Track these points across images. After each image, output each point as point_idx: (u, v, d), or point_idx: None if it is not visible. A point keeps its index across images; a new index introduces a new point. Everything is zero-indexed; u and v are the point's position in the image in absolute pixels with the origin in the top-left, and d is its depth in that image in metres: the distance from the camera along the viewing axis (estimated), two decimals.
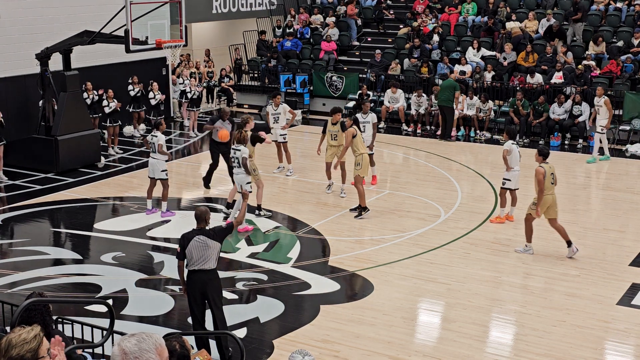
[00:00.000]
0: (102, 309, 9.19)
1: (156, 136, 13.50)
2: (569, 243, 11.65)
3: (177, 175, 16.23)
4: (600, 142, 17.52)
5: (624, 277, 10.84)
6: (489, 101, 20.14)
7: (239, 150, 12.53)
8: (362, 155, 13.27)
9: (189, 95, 20.91)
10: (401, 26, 24.48)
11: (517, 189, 13.31)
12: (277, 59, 23.99)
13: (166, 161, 13.65)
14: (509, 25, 22.27)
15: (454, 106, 19.57)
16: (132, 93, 19.55)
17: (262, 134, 13.84)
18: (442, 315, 9.79)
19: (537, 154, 11.71)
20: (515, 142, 13.24)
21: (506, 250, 11.96)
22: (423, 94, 20.77)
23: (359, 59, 24.15)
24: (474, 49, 22.04)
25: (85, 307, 9.62)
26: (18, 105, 17.57)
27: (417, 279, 10.76)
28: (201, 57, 25.94)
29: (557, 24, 21.44)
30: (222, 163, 14.95)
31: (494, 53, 21.95)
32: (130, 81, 19.61)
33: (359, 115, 15.00)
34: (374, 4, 25.78)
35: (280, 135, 16.09)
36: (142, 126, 20.30)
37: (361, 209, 13.40)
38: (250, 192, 12.62)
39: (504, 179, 13.24)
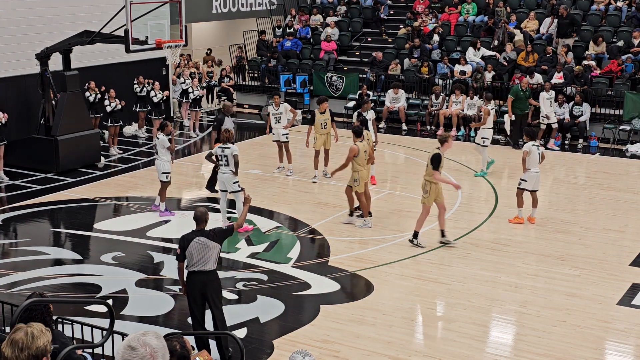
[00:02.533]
0: (102, 309, 9.19)
1: (158, 138, 13.54)
2: (351, 213, 13.12)
3: (178, 176, 16.21)
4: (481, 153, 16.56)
5: (624, 277, 10.83)
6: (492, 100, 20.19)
7: (228, 148, 12.50)
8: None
9: (192, 96, 20.92)
10: (401, 26, 24.49)
11: (537, 190, 13.17)
12: (277, 59, 23.99)
13: (169, 149, 13.49)
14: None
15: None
16: (139, 94, 19.56)
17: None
18: (442, 315, 9.79)
19: (352, 133, 12.99)
20: (536, 144, 13.08)
21: (506, 250, 11.96)
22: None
23: (359, 59, 24.15)
24: (474, 49, 22.03)
25: (85, 307, 9.62)
26: (18, 105, 17.56)
27: (417, 279, 10.76)
28: (201, 57, 25.93)
29: (564, 9, 21.35)
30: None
31: (494, 53, 21.95)
32: (135, 81, 19.62)
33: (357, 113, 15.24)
34: (373, 4, 25.78)
35: (283, 134, 16.08)
36: (144, 127, 20.30)
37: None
38: (240, 190, 12.51)
39: (520, 179, 13.15)
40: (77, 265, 11.53)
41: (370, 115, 15.32)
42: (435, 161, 11.80)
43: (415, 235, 12.07)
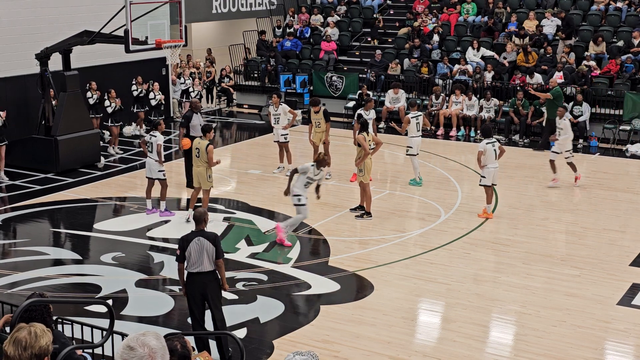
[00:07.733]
0: (102, 309, 9.19)
1: (155, 136, 13.49)
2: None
3: (178, 176, 16.19)
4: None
5: (624, 277, 10.83)
6: (493, 98, 20.21)
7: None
8: (364, 162, 13.23)
9: (192, 95, 20.90)
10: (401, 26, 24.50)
11: (495, 184, 13.54)
12: (275, 59, 23.97)
13: (157, 161, 13.49)
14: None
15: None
16: (135, 93, 19.57)
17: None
18: (442, 315, 9.79)
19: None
20: (490, 141, 13.35)
21: (506, 250, 11.96)
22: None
23: (359, 59, 24.15)
24: (474, 49, 22.04)
25: (85, 308, 9.62)
26: (18, 105, 17.56)
27: (417, 279, 10.76)
28: (201, 57, 25.94)
29: (561, 12, 21.51)
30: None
31: (493, 53, 21.96)
32: (134, 82, 19.62)
33: (362, 112, 15.62)
34: (374, 4, 25.78)
35: (282, 135, 16.10)
36: (144, 127, 20.30)
37: (364, 213, 13.37)
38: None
39: (480, 176, 13.55)
40: (77, 265, 11.53)
41: (371, 114, 15.63)
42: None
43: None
